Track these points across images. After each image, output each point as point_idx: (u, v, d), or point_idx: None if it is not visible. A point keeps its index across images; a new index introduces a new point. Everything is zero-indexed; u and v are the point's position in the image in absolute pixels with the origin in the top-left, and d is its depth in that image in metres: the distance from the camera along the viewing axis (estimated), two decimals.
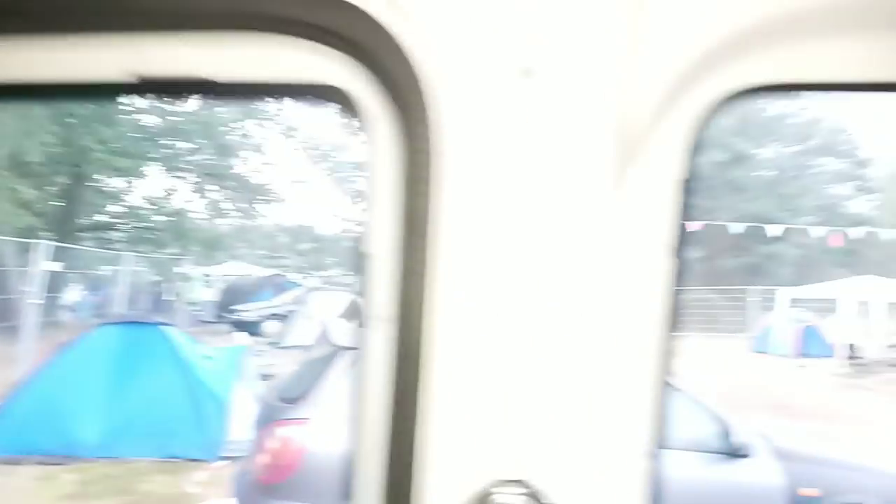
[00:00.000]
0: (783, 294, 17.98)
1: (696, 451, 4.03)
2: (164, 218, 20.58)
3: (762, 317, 21.39)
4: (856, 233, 27.17)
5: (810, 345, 17.51)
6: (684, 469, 3.96)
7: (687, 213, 0.87)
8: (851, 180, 43.99)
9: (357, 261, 0.85)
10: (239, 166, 23.00)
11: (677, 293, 0.85)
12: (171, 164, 21.15)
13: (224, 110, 20.59)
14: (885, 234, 28.87)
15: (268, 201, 24.64)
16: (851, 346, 15.80)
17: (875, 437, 9.11)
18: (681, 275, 0.86)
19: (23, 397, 6.96)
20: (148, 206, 20.79)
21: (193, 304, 19.94)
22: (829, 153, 42.98)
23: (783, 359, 17.04)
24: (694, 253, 30.65)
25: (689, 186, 0.87)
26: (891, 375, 14.73)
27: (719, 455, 4.00)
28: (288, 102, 17.83)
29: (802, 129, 42.20)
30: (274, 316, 16.98)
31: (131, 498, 6.28)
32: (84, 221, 20.27)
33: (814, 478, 4.12)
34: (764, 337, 18.60)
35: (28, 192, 17.02)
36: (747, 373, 14.72)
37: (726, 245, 31.22)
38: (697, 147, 0.87)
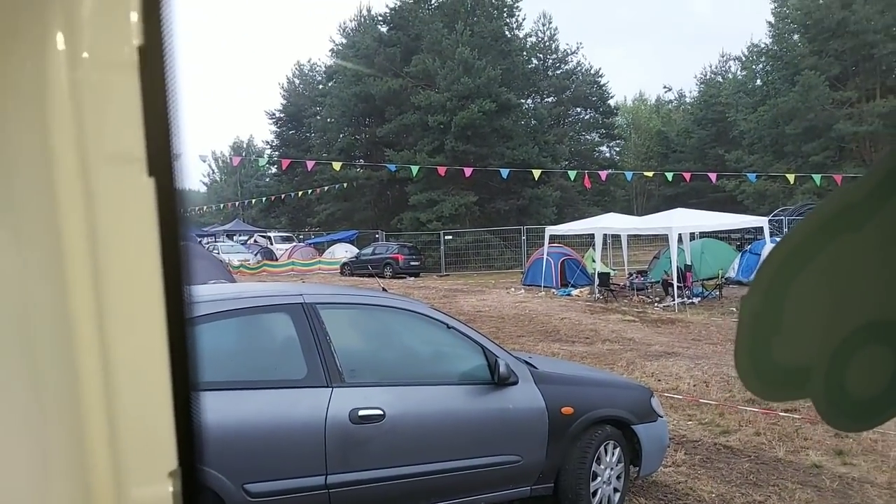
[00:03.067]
0: (547, 231, 19.51)
1: (466, 383, 4.01)
2: None
3: (531, 253, 23.20)
4: (605, 176, 30.44)
5: (571, 275, 19.32)
6: (456, 402, 3.94)
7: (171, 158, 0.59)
8: (600, 128, 49.04)
9: None
10: None
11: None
12: None
13: None
14: (628, 175, 32.73)
15: None
16: (604, 274, 17.65)
17: (623, 352, 10.20)
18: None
19: None
20: None
21: None
22: (581, 104, 47.40)
23: (549, 289, 18.61)
24: (470, 197, 32.17)
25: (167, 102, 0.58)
26: (635, 297, 16.75)
27: (489, 385, 4.01)
28: None
29: (559, 82, 45.86)
30: None
31: None
32: None
33: (571, 397, 4.32)
34: (533, 271, 20.10)
35: None
36: (519, 304, 15.83)
37: (498, 189, 33.20)
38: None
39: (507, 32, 39.02)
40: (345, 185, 37.19)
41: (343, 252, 30.54)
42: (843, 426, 0.77)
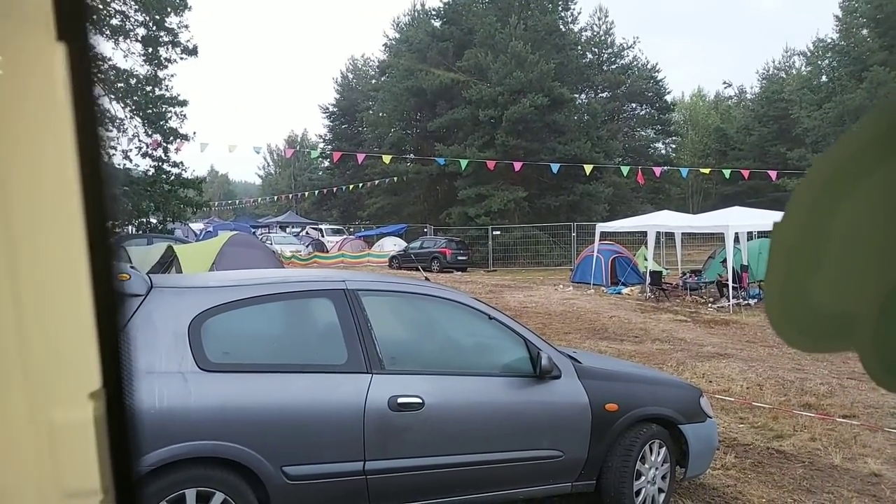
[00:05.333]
0: (598, 228, 19.16)
1: (507, 375, 3.95)
2: None
3: (581, 250, 22.87)
4: (659, 172, 29.81)
5: (622, 273, 18.96)
6: (496, 393, 3.89)
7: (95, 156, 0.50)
8: (656, 124, 47.95)
9: None
10: None
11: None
12: None
13: None
14: (683, 172, 31.93)
15: None
16: (656, 273, 17.24)
17: (673, 352, 9.94)
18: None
19: None
20: None
21: None
22: (637, 99, 46.43)
23: (599, 287, 18.31)
24: (519, 192, 31.91)
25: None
26: (688, 297, 16.32)
27: (531, 378, 3.94)
28: None
29: (614, 77, 45.01)
30: None
31: None
32: None
33: (616, 393, 4.21)
34: (582, 268, 19.81)
35: None
36: (567, 301, 15.62)
37: (548, 185, 32.85)
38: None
39: (561, 26, 38.50)
40: (395, 179, 37.45)
41: (392, 245, 30.76)
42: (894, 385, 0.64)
